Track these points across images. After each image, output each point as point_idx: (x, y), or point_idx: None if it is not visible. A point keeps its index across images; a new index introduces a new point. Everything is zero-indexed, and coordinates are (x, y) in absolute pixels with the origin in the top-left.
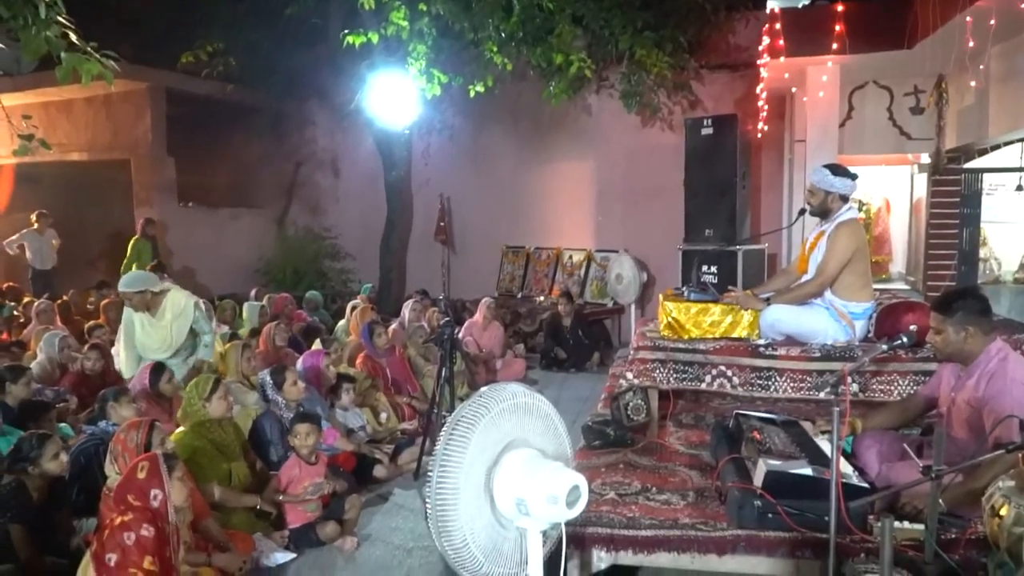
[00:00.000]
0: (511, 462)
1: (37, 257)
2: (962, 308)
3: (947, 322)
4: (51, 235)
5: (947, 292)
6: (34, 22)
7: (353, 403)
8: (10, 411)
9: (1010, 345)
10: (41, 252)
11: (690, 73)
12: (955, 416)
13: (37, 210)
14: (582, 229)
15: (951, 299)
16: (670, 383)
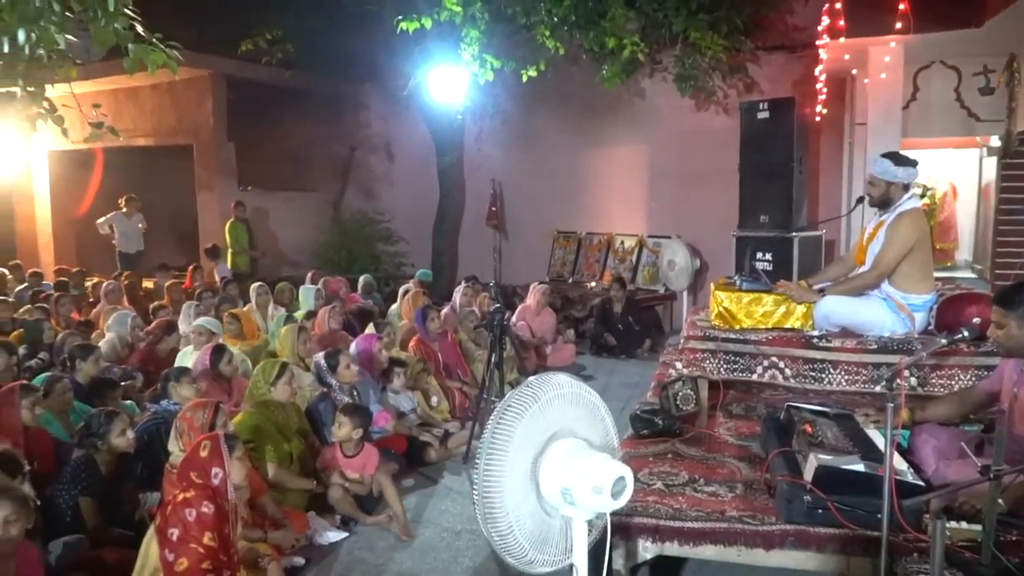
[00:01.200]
0: (557, 451)
1: (124, 239)
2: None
3: (1010, 316)
4: (138, 219)
5: (1010, 284)
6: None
7: (404, 387)
8: (80, 388)
9: None
10: (128, 235)
11: (746, 55)
12: (1018, 413)
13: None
14: (634, 214)
15: (1014, 292)
16: (720, 374)
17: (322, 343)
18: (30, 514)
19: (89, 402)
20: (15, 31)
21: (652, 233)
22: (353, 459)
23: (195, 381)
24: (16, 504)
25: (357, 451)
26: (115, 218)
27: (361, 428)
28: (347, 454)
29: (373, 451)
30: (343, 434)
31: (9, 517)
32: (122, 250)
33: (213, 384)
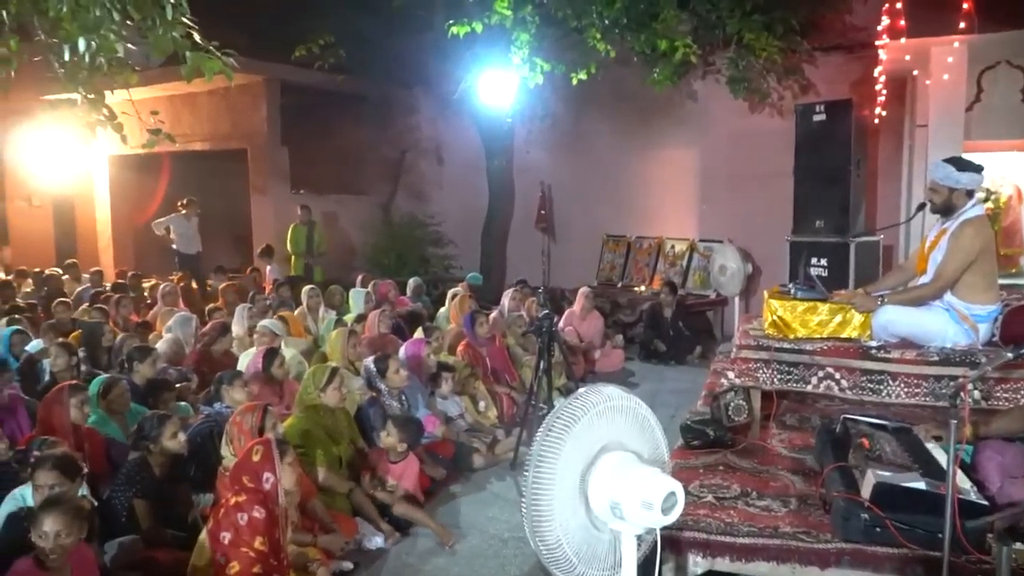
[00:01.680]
0: (606, 465)
1: (183, 241)
2: None
3: None
4: (196, 221)
5: None
6: (161, 23)
7: (452, 391)
8: (137, 390)
9: None
10: (186, 236)
11: (802, 56)
12: None
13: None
14: (685, 218)
15: None
16: (774, 384)
17: (372, 346)
18: (83, 523)
19: (145, 403)
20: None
21: (703, 237)
22: (395, 465)
23: (247, 384)
24: (68, 517)
25: (400, 459)
26: (173, 220)
27: (407, 443)
28: (391, 460)
29: (414, 463)
30: (390, 442)
31: (62, 531)
32: (181, 251)
33: (265, 386)
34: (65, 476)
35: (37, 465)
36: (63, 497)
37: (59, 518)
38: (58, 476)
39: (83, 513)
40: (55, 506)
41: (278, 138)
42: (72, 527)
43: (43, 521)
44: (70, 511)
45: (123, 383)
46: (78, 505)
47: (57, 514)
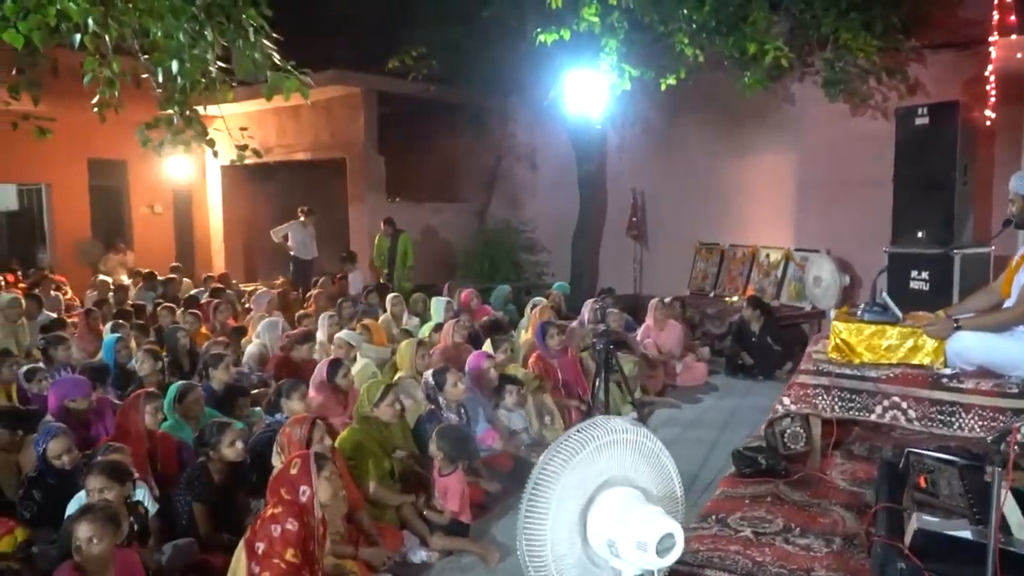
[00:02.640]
0: (607, 501)
1: (300, 247)
2: None
3: None
4: (313, 229)
5: None
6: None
7: (517, 404)
8: (215, 395)
9: None
10: (304, 243)
11: (907, 55)
12: None
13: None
14: (781, 225)
15: None
16: (834, 412)
17: (445, 356)
18: (116, 529)
19: (221, 409)
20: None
21: (800, 246)
22: (442, 479)
23: (305, 396)
24: (98, 524)
25: (450, 471)
26: (292, 227)
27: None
28: (441, 472)
29: (459, 480)
30: (436, 454)
31: (93, 537)
32: (299, 257)
33: (330, 396)
34: (113, 480)
35: (88, 471)
36: (95, 505)
37: (89, 525)
38: (105, 480)
39: (116, 519)
40: (85, 514)
41: (375, 147)
42: (104, 533)
43: (76, 528)
44: (100, 518)
45: (197, 389)
46: (110, 512)
47: (87, 521)
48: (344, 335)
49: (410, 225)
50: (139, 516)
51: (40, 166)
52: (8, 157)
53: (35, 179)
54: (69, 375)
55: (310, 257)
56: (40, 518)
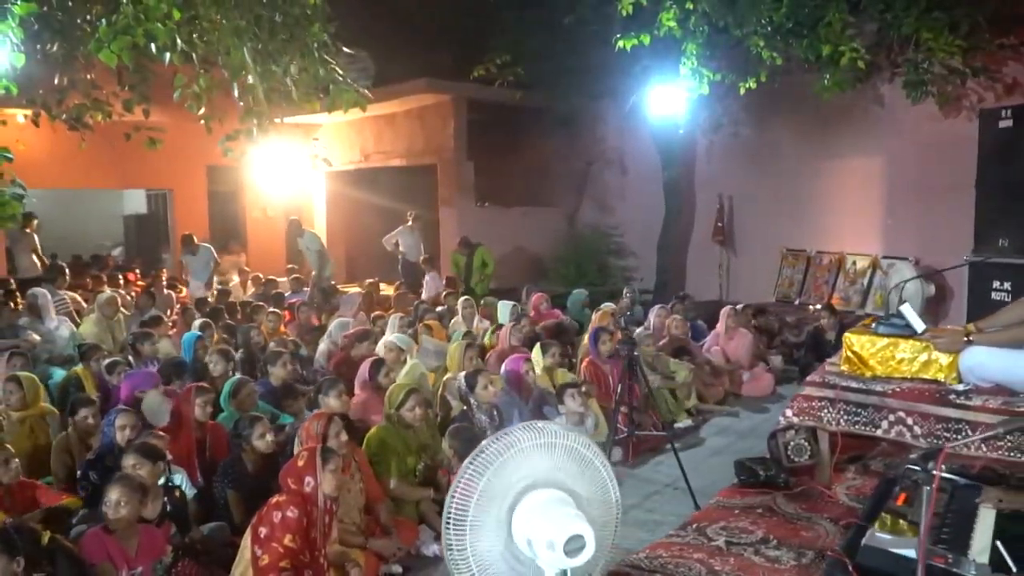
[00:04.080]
0: (531, 502)
1: (410, 250)
2: None
3: None
4: (419, 233)
5: None
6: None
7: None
8: (274, 391)
9: None
10: (412, 246)
11: (1002, 54)
12: None
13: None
14: (868, 232)
15: None
16: (839, 426)
17: (501, 359)
18: (143, 498)
19: (277, 404)
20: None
21: (887, 254)
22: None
23: (341, 395)
24: (128, 490)
25: None
26: (401, 232)
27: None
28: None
29: None
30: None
31: (121, 500)
32: (408, 259)
33: (372, 395)
34: (145, 458)
35: (126, 451)
36: (127, 474)
37: (120, 489)
38: (138, 458)
39: (143, 489)
40: (118, 480)
41: (464, 153)
42: (131, 499)
43: (108, 492)
44: (129, 485)
45: (250, 384)
46: (139, 483)
47: (118, 486)
48: (394, 338)
49: (498, 229)
50: (174, 498)
51: (165, 173)
52: (137, 165)
53: (160, 185)
54: (141, 369)
55: (416, 259)
56: (94, 498)
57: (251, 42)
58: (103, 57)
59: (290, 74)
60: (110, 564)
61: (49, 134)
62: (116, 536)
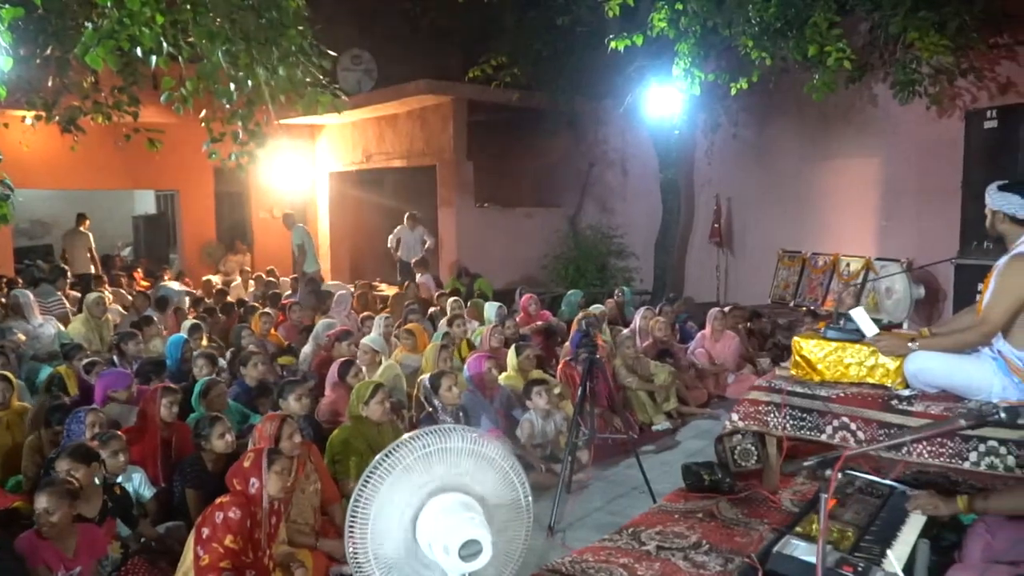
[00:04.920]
0: (434, 506)
1: (405, 250)
2: None
3: None
4: (420, 232)
5: None
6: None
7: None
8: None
9: None
10: (409, 246)
11: (994, 53)
12: None
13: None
14: (863, 234)
15: None
16: (785, 431)
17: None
18: (74, 502)
19: (251, 404)
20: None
21: (881, 256)
22: None
23: (301, 397)
24: (54, 497)
25: None
26: (400, 231)
27: None
28: None
29: None
30: None
31: (48, 508)
32: (404, 259)
33: (343, 395)
34: (78, 461)
35: (59, 455)
36: (54, 480)
37: (47, 498)
38: (71, 462)
39: (73, 494)
40: (44, 488)
41: (464, 154)
42: (60, 505)
43: (37, 499)
44: (56, 492)
45: (220, 385)
46: (67, 488)
47: (44, 494)
48: (369, 340)
49: (499, 230)
50: (115, 496)
51: (172, 173)
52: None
53: (168, 186)
54: (113, 368)
55: (411, 259)
56: None
57: (225, 45)
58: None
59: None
60: (44, 567)
61: (58, 136)
62: (50, 540)
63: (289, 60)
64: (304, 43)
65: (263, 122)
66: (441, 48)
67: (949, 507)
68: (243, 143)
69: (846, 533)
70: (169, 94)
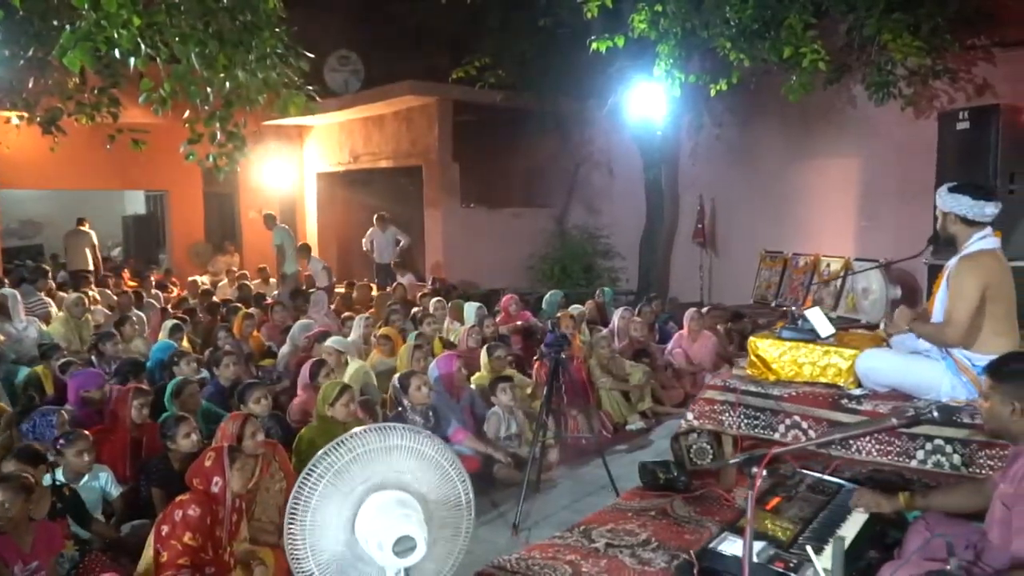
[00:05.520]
0: (373, 503)
1: (378, 251)
2: (1016, 377)
3: (996, 389)
4: (392, 233)
5: (1008, 354)
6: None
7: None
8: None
9: None
10: (381, 247)
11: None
12: (994, 513)
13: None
14: (843, 234)
15: (1006, 362)
16: (740, 430)
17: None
18: (27, 499)
19: (224, 404)
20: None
21: (861, 256)
22: None
23: (261, 399)
24: (11, 493)
25: None
26: (373, 233)
27: None
28: None
29: None
30: None
31: (4, 502)
32: (378, 261)
33: (313, 395)
34: (25, 463)
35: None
36: (10, 475)
37: (1, 492)
38: (18, 464)
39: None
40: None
41: (449, 154)
42: (15, 499)
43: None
44: (11, 487)
45: (193, 385)
46: (22, 483)
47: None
48: (333, 342)
49: (485, 230)
50: (64, 497)
51: (162, 174)
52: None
53: (157, 186)
54: (85, 368)
55: (386, 261)
56: None
57: (198, 48)
58: (67, 63)
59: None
60: (0, 562)
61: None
62: (8, 535)
63: (265, 62)
64: (278, 45)
65: (241, 124)
66: (429, 49)
67: (891, 504)
68: (221, 145)
69: (787, 528)
70: (148, 95)
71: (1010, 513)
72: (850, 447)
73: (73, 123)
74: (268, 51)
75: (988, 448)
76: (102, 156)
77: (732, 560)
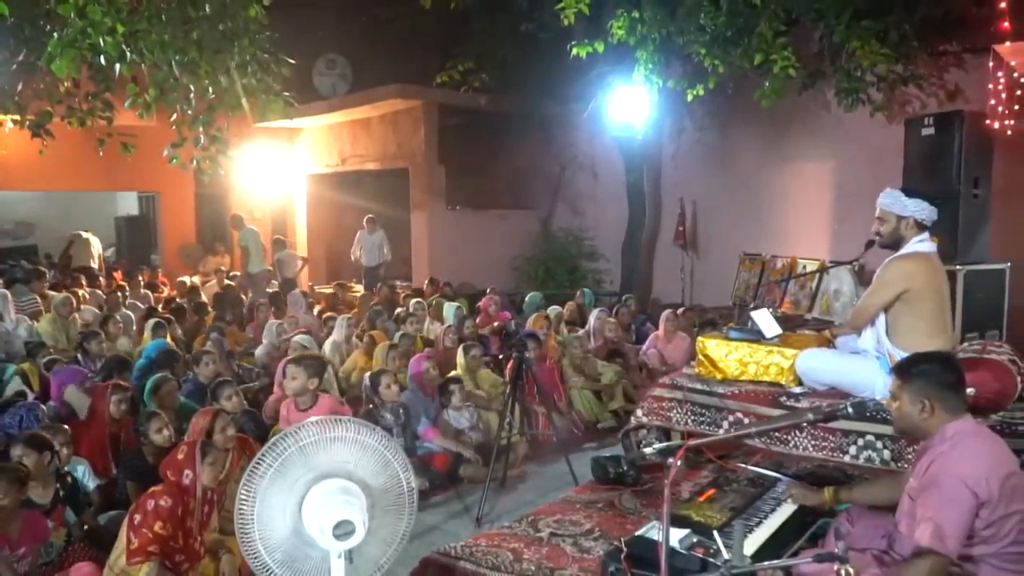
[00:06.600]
0: (318, 491)
1: (366, 254)
2: (924, 376)
3: (904, 389)
4: (380, 236)
5: (914, 354)
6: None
7: (462, 402)
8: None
9: None
10: (368, 250)
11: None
12: (903, 506)
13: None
14: (818, 237)
15: (914, 362)
16: (687, 425)
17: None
18: (22, 488)
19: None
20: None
21: (836, 259)
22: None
23: (231, 397)
24: (4, 482)
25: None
26: (360, 236)
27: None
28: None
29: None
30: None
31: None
32: (365, 264)
33: None
34: (31, 448)
35: (14, 441)
36: (5, 466)
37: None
38: (25, 448)
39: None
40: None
41: (435, 157)
42: (9, 489)
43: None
44: (6, 477)
45: (172, 382)
46: (18, 474)
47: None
48: (299, 339)
49: (470, 232)
50: (66, 485)
51: (153, 175)
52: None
53: (149, 188)
54: (68, 366)
55: (373, 264)
56: None
57: (177, 55)
58: (54, 69)
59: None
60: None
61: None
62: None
63: (246, 69)
64: (258, 51)
65: (224, 128)
66: (416, 53)
67: (817, 497)
68: (204, 148)
69: (716, 517)
70: (134, 100)
71: (915, 505)
72: (788, 442)
73: (65, 126)
74: (248, 58)
75: (915, 444)
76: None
77: (650, 543)
